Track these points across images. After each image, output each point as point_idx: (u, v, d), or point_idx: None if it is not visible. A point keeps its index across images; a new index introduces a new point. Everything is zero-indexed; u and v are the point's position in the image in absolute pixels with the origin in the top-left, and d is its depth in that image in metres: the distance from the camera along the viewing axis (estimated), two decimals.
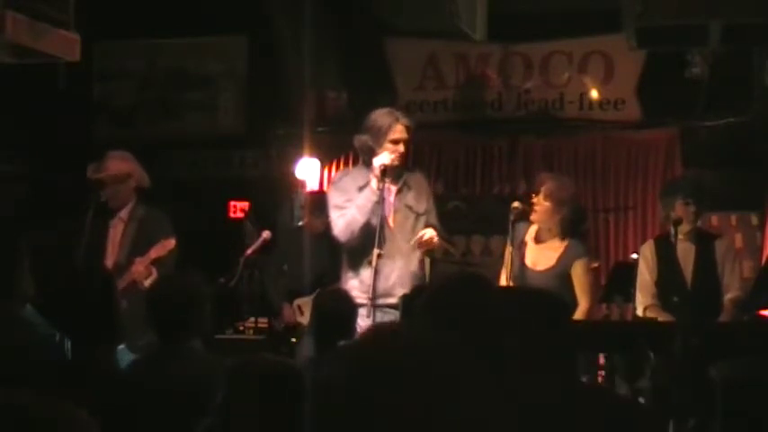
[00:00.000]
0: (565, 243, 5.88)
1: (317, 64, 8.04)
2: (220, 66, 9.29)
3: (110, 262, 6.15)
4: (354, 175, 5.74)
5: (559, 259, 5.83)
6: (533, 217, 5.86)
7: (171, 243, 6.16)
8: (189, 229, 6.65)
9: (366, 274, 5.57)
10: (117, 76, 9.44)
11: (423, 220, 5.75)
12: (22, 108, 8.29)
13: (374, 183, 5.55)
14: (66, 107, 8.66)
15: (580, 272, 5.84)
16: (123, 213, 6.29)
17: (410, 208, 5.71)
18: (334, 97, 8.89)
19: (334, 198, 5.79)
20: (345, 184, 5.74)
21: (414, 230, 5.68)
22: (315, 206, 7.20)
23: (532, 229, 5.92)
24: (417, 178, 5.86)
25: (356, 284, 5.62)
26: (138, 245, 6.16)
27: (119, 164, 6.34)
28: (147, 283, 5.94)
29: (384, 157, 5.55)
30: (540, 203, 5.83)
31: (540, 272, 5.81)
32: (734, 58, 7.67)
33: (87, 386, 3.15)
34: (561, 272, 5.80)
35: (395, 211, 5.69)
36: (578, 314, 5.73)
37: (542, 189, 5.86)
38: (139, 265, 6.01)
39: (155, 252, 6.10)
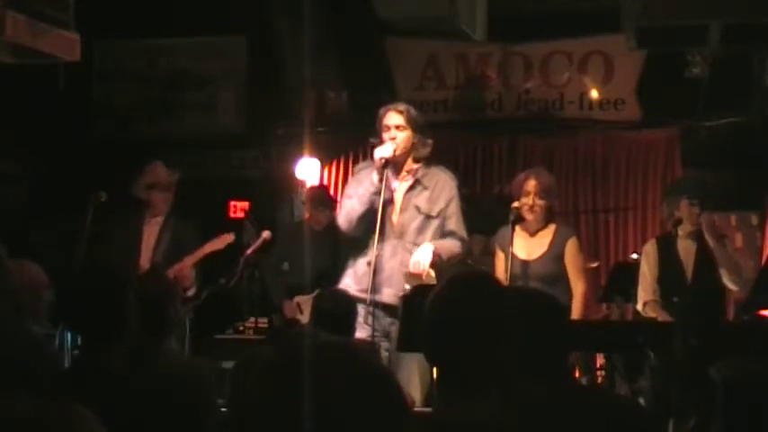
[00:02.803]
0: (553, 227, 5.92)
1: (316, 64, 8.03)
2: (220, 66, 9.29)
3: (144, 262, 6.30)
4: (370, 169, 5.66)
5: (551, 243, 5.86)
6: (531, 217, 5.84)
7: (230, 237, 6.35)
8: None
9: (360, 267, 5.53)
10: (117, 76, 9.43)
11: (435, 223, 5.57)
12: (22, 108, 8.29)
13: (374, 175, 5.48)
14: (67, 107, 8.66)
15: (573, 252, 5.88)
16: (159, 219, 6.47)
17: (418, 208, 5.56)
18: (334, 97, 8.89)
19: (348, 188, 5.76)
20: (362, 177, 5.66)
21: (421, 233, 5.55)
22: (317, 200, 7.22)
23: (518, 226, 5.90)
24: (439, 178, 5.63)
25: (350, 273, 5.60)
26: (174, 247, 6.33)
27: (166, 175, 6.55)
28: (190, 291, 6.13)
29: (384, 150, 5.45)
30: (537, 203, 5.81)
31: (536, 260, 5.82)
32: (734, 58, 7.67)
33: (90, 387, 3.14)
34: (555, 254, 5.83)
35: (401, 210, 5.59)
36: (578, 299, 5.76)
37: (531, 188, 5.80)
38: (188, 262, 6.21)
39: (210, 246, 6.30)
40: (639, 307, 5.95)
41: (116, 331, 3.34)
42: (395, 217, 5.58)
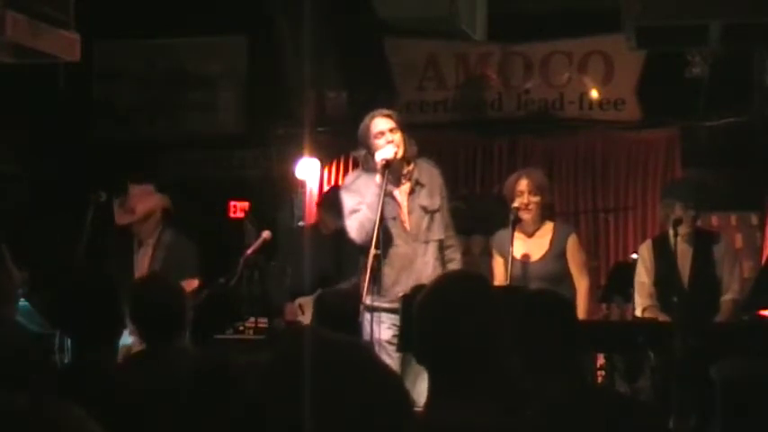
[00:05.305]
0: (551, 225, 5.91)
1: (317, 64, 8.03)
2: (220, 66, 9.29)
3: None
4: (365, 178, 5.67)
5: (552, 241, 5.85)
6: (528, 216, 5.83)
7: (194, 284, 6.25)
8: (189, 229, 6.66)
9: (387, 279, 5.52)
10: (117, 76, 9.43)
11: (437, 217, 5.63)
12: (22, 108, 8.29)
13: (377, 178, 5.49)
14: (67, 107, 8.66)
15: (574, 248, 5.88)
16: (151, 240, 6.39)
17: (424, 208, 5.61)
18: (334, 97, 8.90)
19: (347, 202, 5.69)
20: (357, 187, 5.66)
21: (429, 229, 5.61)
22: (329, 204, 7.14)
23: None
24: (428, 172, 5.70)
25: (375, 290, 5.56)
26: (167, 270, 6.15)
27: (145, 202, 6.41)
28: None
29: (385, 152, 5.46)
30: (531, 201, 5.81)
31: (538, 260, 5.81)
32: (734, 58, 7.68)
33: (87, 387, 3.14)
34: (557, 252, 5.82)
35: (409, 213, 5.61)
36: (582, 296, 5.76)
37: (524, 187, 5.80)
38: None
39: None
40: (638, 313, 5.94)
41: (110, 332, 3.35)
42: (407, 223, 5.61)
